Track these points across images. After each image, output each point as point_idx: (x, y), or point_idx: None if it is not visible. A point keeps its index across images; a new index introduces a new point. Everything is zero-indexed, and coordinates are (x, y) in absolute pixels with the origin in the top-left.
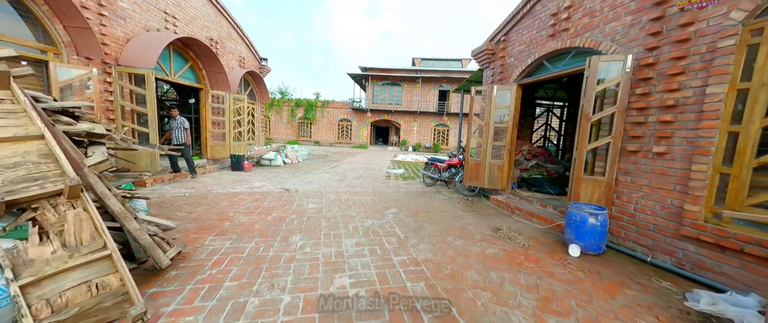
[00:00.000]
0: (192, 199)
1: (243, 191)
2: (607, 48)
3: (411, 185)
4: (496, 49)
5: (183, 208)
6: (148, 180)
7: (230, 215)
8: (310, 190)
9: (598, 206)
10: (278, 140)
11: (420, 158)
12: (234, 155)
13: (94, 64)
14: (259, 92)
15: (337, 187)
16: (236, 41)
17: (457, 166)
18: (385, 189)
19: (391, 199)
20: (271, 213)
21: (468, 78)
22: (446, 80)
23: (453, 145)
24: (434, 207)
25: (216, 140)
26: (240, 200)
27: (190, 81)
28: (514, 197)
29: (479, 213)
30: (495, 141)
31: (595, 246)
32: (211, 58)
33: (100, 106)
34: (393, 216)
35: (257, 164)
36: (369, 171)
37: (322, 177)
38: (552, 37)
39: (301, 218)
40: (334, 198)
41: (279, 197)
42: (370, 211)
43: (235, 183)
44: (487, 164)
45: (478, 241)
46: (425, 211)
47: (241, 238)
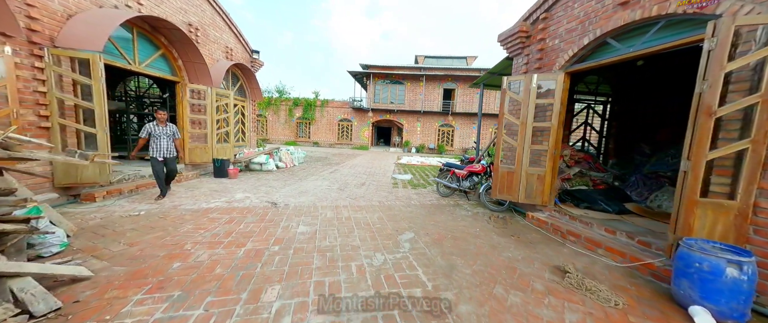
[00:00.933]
0: (146, 220)
1: (218, 207)
2: (731, 8)
3: (423, 195)
4: (533, 31)
5: (126, 235)
6: (99, 194)
7: (187, 248)
8: (302, 204)
9: (736, 247)
10: (275, 141)
11: (426, 161)
12: (217, 160)
13: (15, 44)
14: (249, 87)
15: (335, 199)
16: (222, 30)
17: (480, 173)
18: (393, 201)
19: (404, 216)
20: (245, 243)
21: (490, 70)
22: (451, 78)
23: (458, 146)
24: (460, 229)
25: (196, 142)
26: (210, 221)
27: (163, 73)
28: (559, 215)
29: (521, 239)
30: (534, 144)
31: (738, 312)
32: (188, 47)
33: (23, 98)
34: (410, 245)
35: (246, 168)
36: (372, 177)
37: (318, 186)
38: (624, 5)
39: (286, 251)
40: (331, 216)
41: (262, 216)
42: (379, 237)
43: (212, 195)
44: (523, 172)
45: (543, 294)
46: (451, 236)
47: (188, 296)
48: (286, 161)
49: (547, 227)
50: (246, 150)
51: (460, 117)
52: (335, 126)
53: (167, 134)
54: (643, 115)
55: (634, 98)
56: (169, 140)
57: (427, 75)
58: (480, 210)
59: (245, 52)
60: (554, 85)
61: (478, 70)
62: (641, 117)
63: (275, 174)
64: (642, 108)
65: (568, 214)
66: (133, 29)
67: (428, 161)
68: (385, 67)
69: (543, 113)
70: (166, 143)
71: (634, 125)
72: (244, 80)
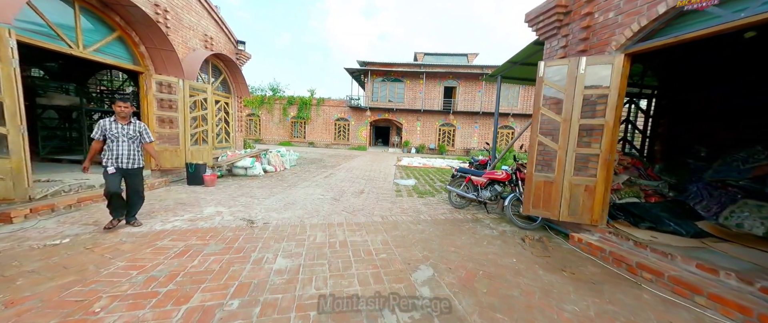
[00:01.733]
0: (65, 253)
1: (175, 229)
2: None
3: (433, 206)
4: (574, 5)
5: (16, 283)
6: (19, 213)
7: (95, 310)
8: (287, 221)
9: None
10: (269, 142)
11: (429, 163)
12: (191, 164)
13: None
14: (234, 82)
15: (328, 214)
16: (199, 15)
17: (503, 182)
18: (399, 216)
19: (414, 239)
20: (191, 296)
21: (511, 58)
22: (452, 76)
23: (460, 147)
24: (491, 259)
25: (164, 144)
26: (155, 253)
27: (119, 60)
28: (617, 239)
29: (577, 276)
30: (580, 147)
31: None
32: (153, 30)
33: None
34: (430, 292)
35: (229, 173)
36: (372, 182)
37: (310, 195)
38: None
39: (249, 311)
40: (322, 241)
41: (230, 243)
42: (387, 276)
43: (176, 210)
44: (565, 182)
45: None
46: (483, 273)
47: None
48: (275, 164)
49: (604, 255)
50: (229, 152)
51: (461, 116)
52: (332, 126)
53: (130, 135)
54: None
55: (686, 89)
56: (132, 143)
57: (427, 73)
58: (506, 227)
59: (229, 42)
60: (609, 70)
61: (481, 67)
62: (695, 112)
63: (261, 180)
64: (695, 101)
65: (630, 238)
66: (73, 3)
67: (431, 163)
68: (384, 64)
69: (592, 107)
70: (127, 147)
71: (686, 123)
72: (228, 74)
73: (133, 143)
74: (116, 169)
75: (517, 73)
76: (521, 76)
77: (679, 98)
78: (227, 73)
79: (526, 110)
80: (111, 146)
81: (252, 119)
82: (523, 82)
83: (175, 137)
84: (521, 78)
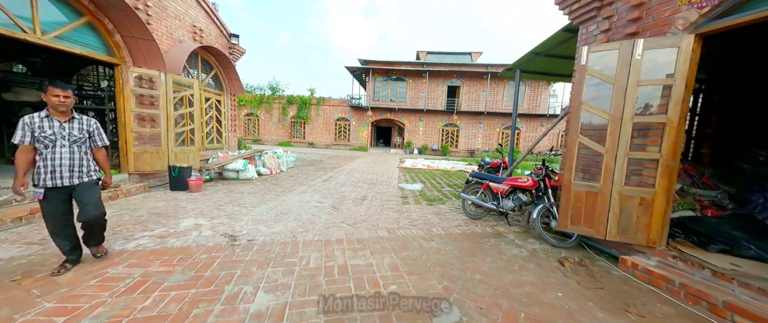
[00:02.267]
0: None
1: (137, 250)
2: None
3: (444, 216)
4: None
5: None
6: None
7: None
8: (276, 237)
9: None
10: (268, 142)
11: (433, 165)
12: (174, 167)
13: None
14: (227, 79)
15: (326, 226)
16: (187, 3)
17: (528, 190)
18: (408, 229)
19: (429, 262)
20: None
21: (533, 49)
22: (455, 75)
23: (464, 147)
24: (529, 293)
25: (144, 145)
26: (99, 287)
27: (88, 49)
28: (687, 267)
29: (648, 321)
30: (634, 150)
31: None
32: (128, 16)
33: None
34: None
35: (219, 177)
36: (375, 187)
37: (306, 202)
38: None
39: None
40: (316, 264)
41: (199, 272)
42: (399, 321)
43: (147, 222)
44: (614, 194)
45: None
46: (527, 316)
47: None
48: (270, 166)
49: (673, 288)
50: (221, 154)
51: (465, 116)
52: (332, 126)
53: (73, 137)
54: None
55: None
56: (77, 148)
57: (430, 71)
58: (535, 244)
59: (221, 35)
60: (674, 55)
61: (485, 65)
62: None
63: (253, 185)
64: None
65: (704, 265)
66: None
67: (436, 165)
68: (386, 62)
69: (649, 101)
70: (68, 155)
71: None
72: (220, 70)
73: (79, 148)
74: (54, 189)
75: (538, 67)
76: (544, 71)
77: (735, 93)
78: (219, 68)
79: (532, 109)
80: (44, 155)
81: (250, 118)
82: (546, 77)
83: (157, 137)
84: (544, 72)
